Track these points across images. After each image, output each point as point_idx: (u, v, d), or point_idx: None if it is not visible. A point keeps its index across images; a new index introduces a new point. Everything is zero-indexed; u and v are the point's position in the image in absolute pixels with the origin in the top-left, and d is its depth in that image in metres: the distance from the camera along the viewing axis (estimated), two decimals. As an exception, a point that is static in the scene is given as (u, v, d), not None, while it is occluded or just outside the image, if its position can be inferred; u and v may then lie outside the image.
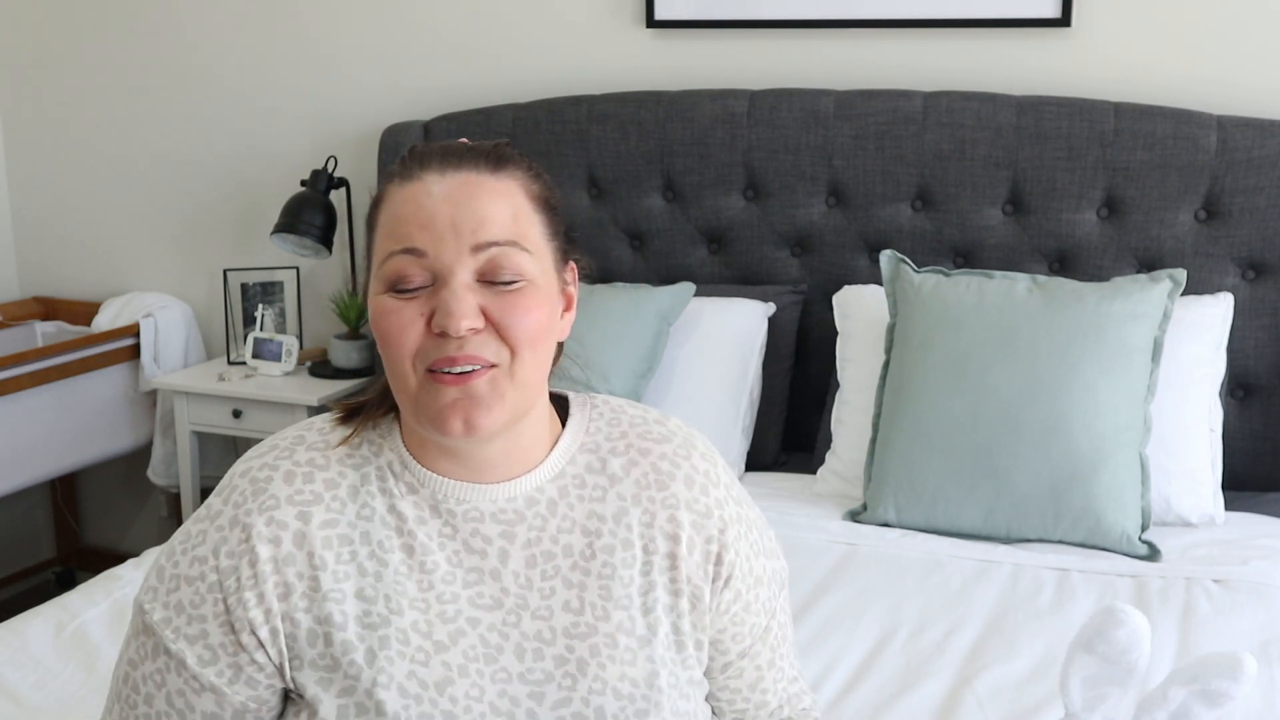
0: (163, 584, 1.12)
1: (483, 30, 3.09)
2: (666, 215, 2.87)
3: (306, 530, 1.10)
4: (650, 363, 2.58)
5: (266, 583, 1.09)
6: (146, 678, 1.12)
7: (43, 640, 1.94)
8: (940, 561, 2.16)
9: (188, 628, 1.10)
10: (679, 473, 1.18)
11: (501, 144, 1.14)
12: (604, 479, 1.17)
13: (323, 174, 3.09)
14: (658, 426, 1.22)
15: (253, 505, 1.11)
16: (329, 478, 1.13)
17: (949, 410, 2.27)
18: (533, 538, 1.14)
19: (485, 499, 1.13)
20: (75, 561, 3.72)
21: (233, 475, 1.15)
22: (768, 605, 1.23)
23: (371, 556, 1.11)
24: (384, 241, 1.09)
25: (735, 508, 1.21)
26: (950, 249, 2.68)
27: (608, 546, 1.15)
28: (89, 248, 3.58)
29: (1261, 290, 2.50)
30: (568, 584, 1.13)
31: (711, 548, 1.17)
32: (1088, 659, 1.27)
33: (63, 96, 3.52)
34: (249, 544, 1.09)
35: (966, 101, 2.62)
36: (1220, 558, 2.15)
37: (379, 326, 1.08)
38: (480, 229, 1.06)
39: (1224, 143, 2.47)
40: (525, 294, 1.08)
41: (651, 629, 1.14)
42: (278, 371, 3.17)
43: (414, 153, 1.12)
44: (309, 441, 1.15)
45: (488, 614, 1.12)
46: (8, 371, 2.96)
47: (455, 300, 1.05)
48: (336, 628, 1.09)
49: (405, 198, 1.09)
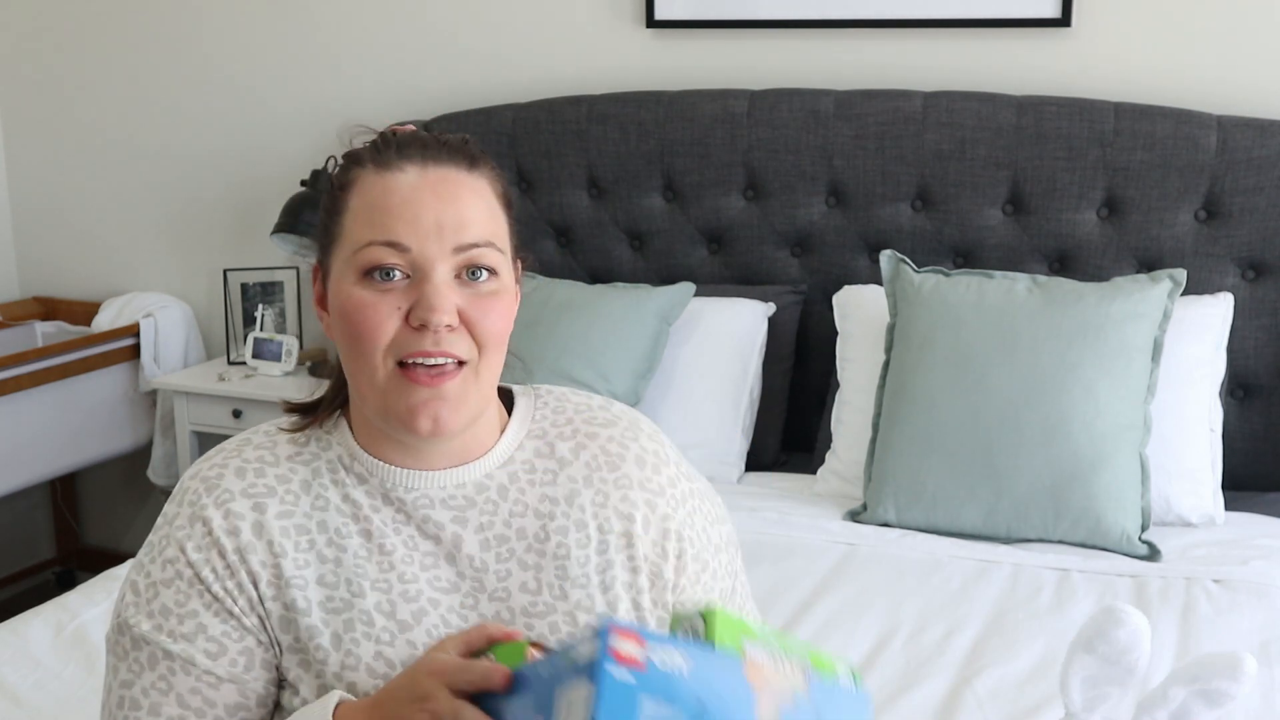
0: (140, 596, 1.12)
1: (483, 30, 3.09)
2: (666, 215, 2.87)
3: (263, 520, 1.11)
4: (650, 363, 2.58)
5: (239, 572, 1.10)
6: (148, 690, 1.10)
7: (43, 640, 1.94)
8: (940, 561, 2.16)
9: (181, 627, 1.09)
10: (628, 454, 1.21)
11: (470, 140, 1.15)
12: (553, 463, 1.19)
13: (323, 174, 3.09)
14: (602, 412, 1.24)
15: (207, 500, 1.12)
16: (280, 473, 1.14)
17: (949, 410, 2.27)
18: (485, 522, 1.15)
19: (434, 486, 1.15)
20: (75, 561, 3.72)
21: (182, 481, 1.17)
22: (729, 568, 1.26)
23: (330, 544, 1.12)
24: (360, 229, 1.09)
25: (686, 484, 1.24)
26: (950, 249, 2.68)
27: (561, 528, 1.16)
28: (89, 248, 3.58)
29: (1261, 290, 2.50)
30: (523, 565, 1.15)
31: (669, 525, 1.20)
32: (1088, 659, 1.27)
33: (63, 96, 3.52)
34: (212, 537, 1.11)
35: (966, 101, 2.62)
36: (1220, 558, 2.15)
37: (352, 317, 1.09)
38: (463, 229, 1.09)
39: (1224, 143, 2.47)
40: (498, 295, 1.11)
41: (611, 606, 1.16)
42: (278, 371, 3.17)
43: (387, 140, 1.13)
44: (255, 442, 1.17)
45: (446, 596, 1.13)
46: (8, 371, 2.96)
47: (438, 296, 1.07)
48: (300, 613, 1.10)
49: (386, 187, 1.09)
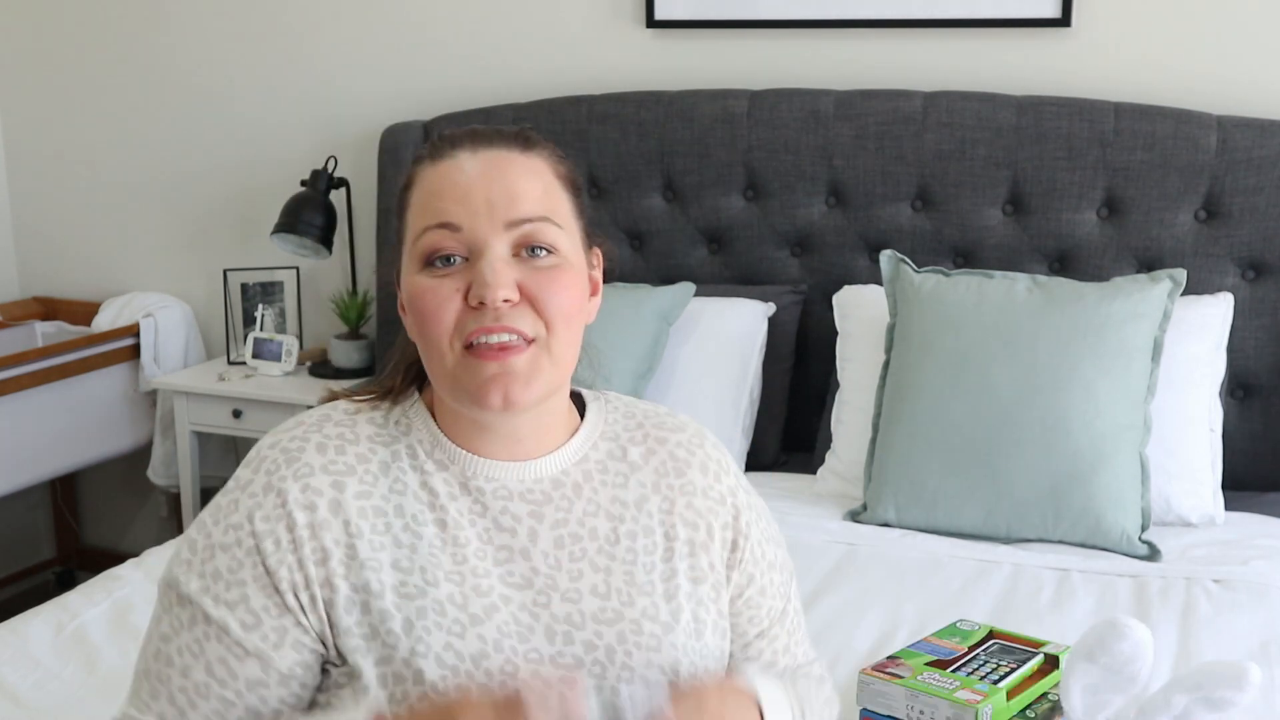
0: (196, 555, 1.11)
1: (483, 30, 3.09)
2: (666, 215, 2.87)
3: (341, 499, 1.10)
4: (650, 363, 2.58)
5: (304, 548, 1.08)
6: (183, 649, 1.10)
7: (43, 640, 1.94)
8: (940, 561, 2.16)
9: (227, 594, 1.08)
10: (694, 460, 1.22)
11: (527, 128, 1.17)
12: (625, 466, 1.20)
13: (323, 174, 3.09)
14: (669, 418, 1.26)
15: (287, 472, 1.11)
16: (360, 452, 1.13)
17: (949, 410, 2.27)
18: (560, 519, 1.15)
19: (513, 477, 1.14)
20: (75, 561, 3.72)
21: (260, 449, 1.15)
22: (782, 590, 1.26)
23: (406, 529, 1.11)
24: (417, 218, 1.11)
25: (745, 495, 1.25)
26: (950, 249, 2.68)
27: (630, 532, 1.17)
28: (89, 248, 3.58)
29: (1261, 290, 2.50)
30: (594, 567, 1.15)
31: (728, 534, 1.20)
32: (1090, 668, 1.27)
33: (63, 97, 3.52)
34: (285, 509, 1.09)
35: (966, 101, 2.62)
36: (1220, 558, 2.15)
37: (416, 305, 1.10)
38: (514, 204, 1.09)
39: (1224, 143, 2.47)
40: (560, 270, 1.10)
41: (674, 616, 1.15)
42: (278, 371, 3.17)
43: (443, 136, 1.15)
44: (335, 419, 1.16)
45: (518, 593, 1.12)
46: (8, 371, 2.96)
47: (492, 271, 1.07)
48: (374, 595, 1.09)
49: (438, 174, 1.11)
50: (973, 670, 1.55)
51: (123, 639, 1.94)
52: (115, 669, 1.85)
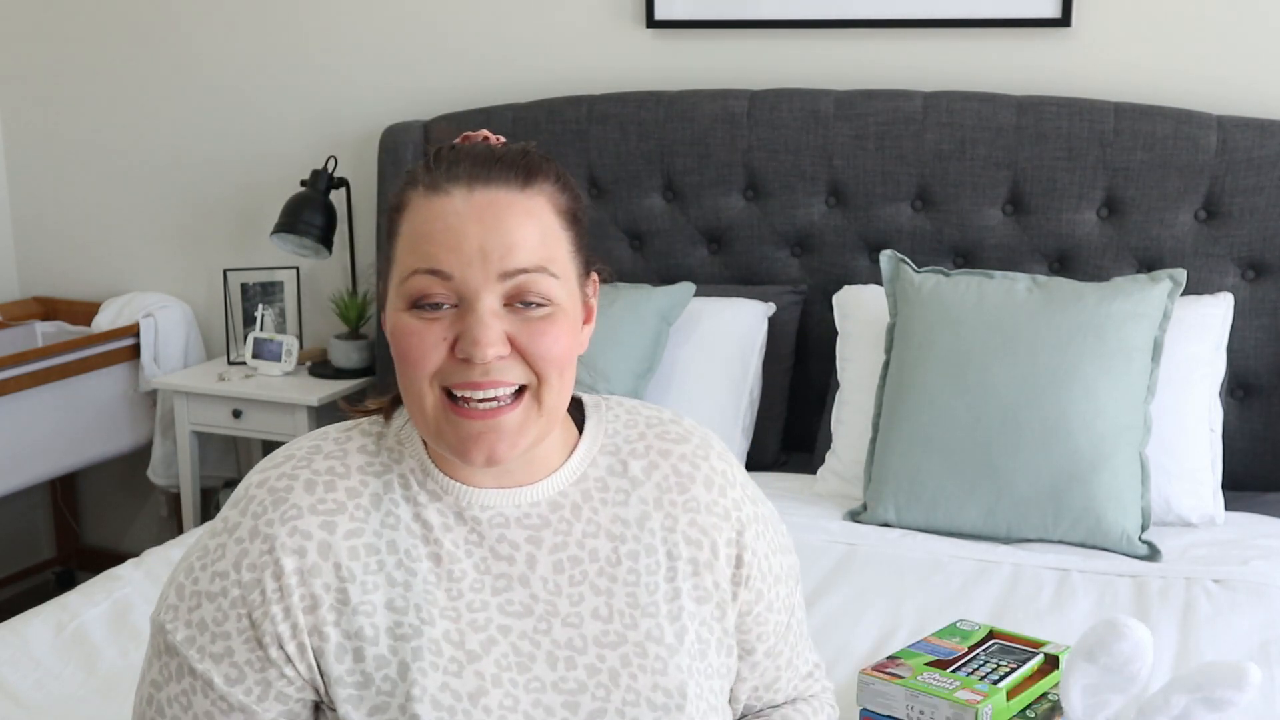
0: (183, 602, 1.09)
1: (483, 30, 3.09)
2: (666, 215, 2.87)
3: (331, 540, 1.08)
4: (650, 363, 2.58)
5: (292, 596, 1.06)
6: (172, 700, 1.09)
7: (43, 640, 1.94)
8: (940, 561, 2.16)
9: (212, 646, 1.07)
10: (698, 474, 1.18)
11: (531, 150, 1.10)
12: (626, 482, 1.16)
13: (323, 174, 3.09)
14: (674, 426, 1.21)
15: (274, 515, 1.08)
16: (350, 486, 1.10)
17: (949, 410, 2.27)
18: (559, 542, 1.12)
19: (509, 503, 1.12)
20: (75, 561, 3.72)
21: (248, 486, 1.11)
22: (787, 601, 1.23)
23: (399, 566, 1.09)
24: (407, 256, 1.06)
25: (751, 507, 1.21)
26: (950, 249, 2.68)
27: (632, 552, 1.14)
28: (89, 248, 3.58)
29: (1261, 290, 2.50)
30: (595, 590, 1.12)
31: (732, 551, 1.17)
32: (1089, 668, 1.28)
33: (63, 97, 3.52)
34: (272, 555, 1.07)
35: (966, 101, 2.62)
36: (1220, 558, 2.15)
37: (398, 345, 1.06)
38: (509, 255, 1.04)
39: (1224, 143, 2.47)
40: (552, 320, 1.06)
41: (679, 637, 1.13)
42: (278, 371, 3.17)
43: (440, 158, 1.08)
44: (326, 451, 1.13)
45: (518, 621, 1.10)
46: (8, 371, 2.96)
47: (482, 328, 1.03)
48: (368, 642, 1.07)
49: (431, 213, 1.05)
50: (973, 670, 1.55)
51: (123, 639, 1.94)
52: (115, 669, 1.86)
